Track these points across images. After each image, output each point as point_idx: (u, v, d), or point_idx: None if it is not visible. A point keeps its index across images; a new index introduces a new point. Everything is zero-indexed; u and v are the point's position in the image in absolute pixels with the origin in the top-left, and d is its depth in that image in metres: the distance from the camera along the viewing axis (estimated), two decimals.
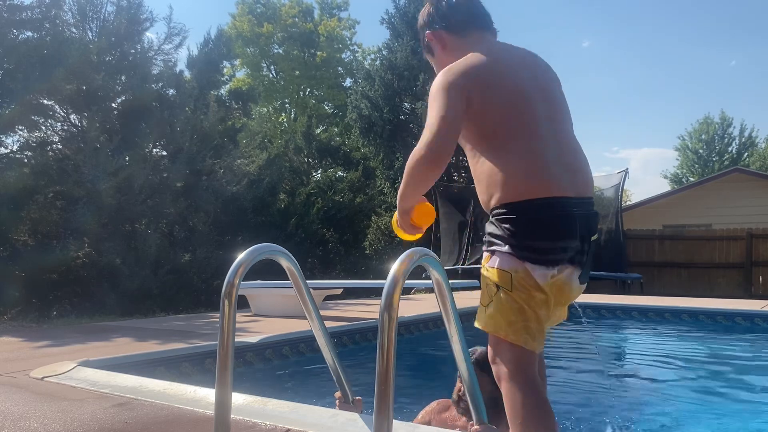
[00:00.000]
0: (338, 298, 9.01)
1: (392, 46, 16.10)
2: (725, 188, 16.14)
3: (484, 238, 1.83)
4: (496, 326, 1.71)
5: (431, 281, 1.93)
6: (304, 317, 2.35)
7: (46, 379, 3.11)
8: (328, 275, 13.87)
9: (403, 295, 1.65)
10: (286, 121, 29.45)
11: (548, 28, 49.79)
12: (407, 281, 1.64)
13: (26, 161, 9.12)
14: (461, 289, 9.50)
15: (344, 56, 30.30)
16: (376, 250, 15.41)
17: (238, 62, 26.88)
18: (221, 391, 1.87)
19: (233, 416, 2.07)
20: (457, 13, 1.94)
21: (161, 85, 10.69)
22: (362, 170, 17.44)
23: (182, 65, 16.52)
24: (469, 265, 12.38)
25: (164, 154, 10.60)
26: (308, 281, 2.31)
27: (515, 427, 1.64)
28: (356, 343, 5.16)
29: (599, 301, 7.93)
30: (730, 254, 13.54)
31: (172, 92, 10.81)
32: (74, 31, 9.94)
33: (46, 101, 9.30)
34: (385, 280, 1.59)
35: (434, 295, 2.04)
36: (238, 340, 4.19)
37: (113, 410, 2.48)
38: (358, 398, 2.35)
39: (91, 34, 10.09)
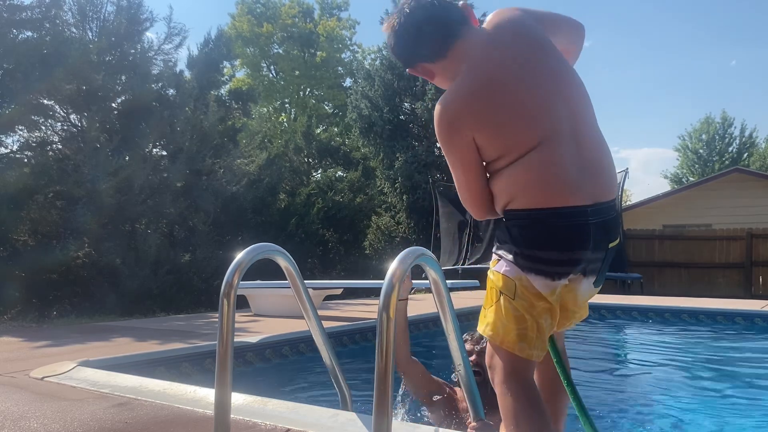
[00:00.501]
0: (338, 298, 9.01)
1: None
2: (725, 188, 16.13)
3: (495, 239, 1.80)
4: (494, 332, 1.70)
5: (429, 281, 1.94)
6: (303, 317, 2.36)
7: (46, 379, 3.11)
8: (328, 275, 13.87)
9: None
10: (286, 121, 29.44)
11: None
12: None
13: (26, 161, 9.12)
14: (461, 289, 9.50)
15: (344, 56, 30.30)
16: (376, 250, 15.41)
17: (238, 62, 26.85)
18: (221, 391, 1.88)
19: (233, 416, 2.07)
20: (423, 42, 1.73)
21: (161, 85, 10.69)
22: (362, 170, 17.44)
23: (182, 65, 16.56)
24: (469, 265, 12.37)
25: (164, 154, 10.60)
26: (308, 281, 2.31)
27: (508, 430, 1.64)
28: (356, 342, 5.16)
29: (599, 301, 7.93)
30: (730, 254, 13.54)
31: (172, 92, 10.81)
32: (74, 30, 9.94)
33: (46, 101, 9.30)
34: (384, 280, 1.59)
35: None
36: (238, 340, 4.19)
37: (113, 410, 2.48)
38: None
39: (91, 34, 10.10)
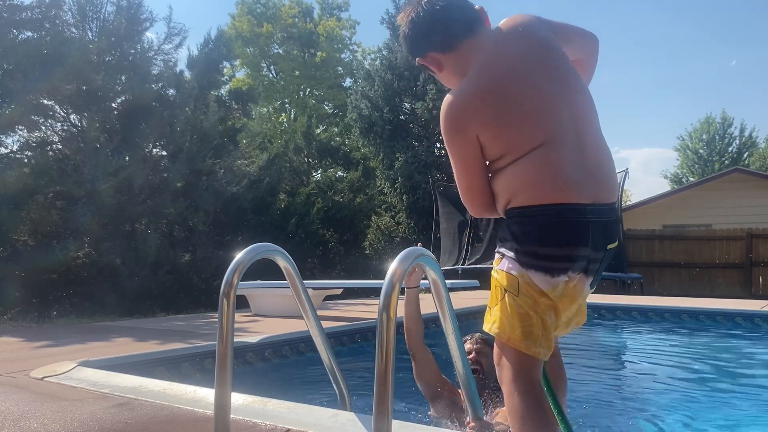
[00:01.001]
0: (338, 298, 9.01)
1: (392, 46, 16.10)
2: (725, 188, 16.14)
3: (497, 239, 1.81)
4: (500, 330, 1.69)
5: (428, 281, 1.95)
6: (303, 317, 2.36)
7: (46, 379, 3.11)
8: (328, 275, 13.87)
9: (402, 294, 1.65)
10: (286, 121, 29.45)
11: None
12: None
13: (26, 161, 9.12)
14: (461, 289, 9.50)
15: (344, 56, 30.30)
16: (376, 250, 15.41)
17: (238, 62, 26.85)
18: (221, 391, 1.88)
19: (233, 416, 2.07)
20: (439, 30, 1.75)
21: (161, 85, 10.69)
22: (362, 170, 17.43)
23: (182, 65, 16.52)
24: (468, 265, 12.37)
25: (164, 154, 10.60)
26: (308, 281, 2.32)
27: (514, 430, 1.64)
28: (356, 342, 5.16)
29: (599, 301, 7.93)
30: (730, 254, 13.54)
31: (172, 92, 10.81)
32: (74, 31, 9.94)
33: (46, 101, 9.30)
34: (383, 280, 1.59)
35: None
36: (238, 340, 4.19)
37: (113, 410, 2.48)
38: None
39: (91, 34, 10.10)
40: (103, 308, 7.93)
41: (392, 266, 1.58)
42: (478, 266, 11.92)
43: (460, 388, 2.40)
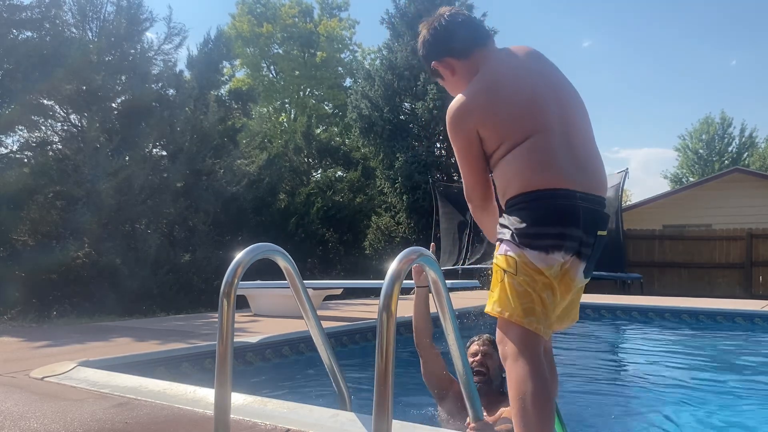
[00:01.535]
0: (338, 298, 9.01)
1: (392, 46, 16.10)
2: (725, 188, 16.14)
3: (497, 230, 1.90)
4: (501, 307, 1.76)
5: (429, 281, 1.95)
6: (303, 317, 2.36)
7: (46, 379, 3.11)
8: (328, 275, 13.87)
9: (402, 294, 1.65)
10: (286, 121, 29.43)
11: (548, 28, 49.79)
12: (406, 281, 1.64)
13: (26, 161, 9.12)
14: (461, 289, 9.50)
15: (344, 56, 30.28)
16: (375, 250, 15.41)
17: (237, 62, 26.84)
18: (220, 391, 1.88)
19: (233, 416, 2.07)
20: (458, 38, 1.98)
21: (161, 85, 10.69)
22: (362, 170, 17.43)
23: (182, 65, 16.55)
24: (469, 265, 12.37)
25: (164, 154, 10.60)
26: (308, 281, 2.32)
27: (516, 402, 1.66)
28: (356, 343, 5.16)
29: (599, 301, 7.94)
30: (730, 254, 13.54)
31: (172, 92, 10.81)
32: (74, 31, 9.94)
33: (46, 101, 9.30)
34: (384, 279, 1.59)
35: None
36: (237, 340, 4.19)
37: (113, 410, 2.48)
38: None
39: (91, 34, 10.09)
40: (103, 308, 7.93)
41: (392, 266, 1.58)
42: (478, 266, 11.92)
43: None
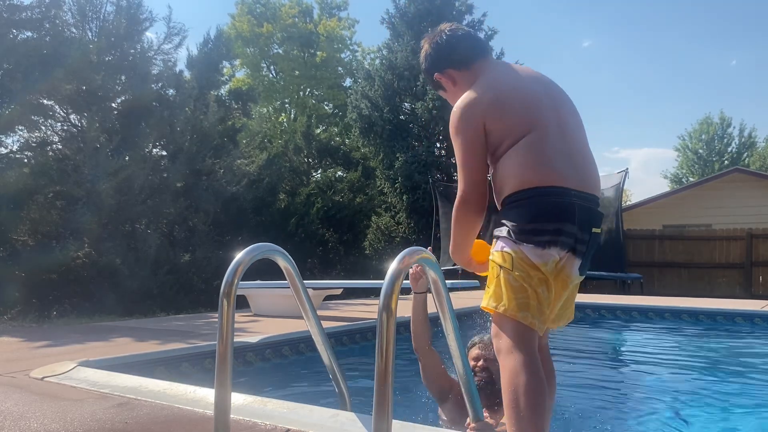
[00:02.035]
0: (338, 298, 9.01)
1: (392, 46, 16.10)
2: (725, 188, 16.14)
3: (493, 227, 1.92)
4: (496, 302, 1.78)
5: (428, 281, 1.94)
6: (303, 317, 2.36)
7: (46, 379, 3.11)
8: (328, 275, 13.87)
9: (402, 294, 1.65)
10: (286, 121, 29.41)
11: (548, 28, 49.83)
12: (406, 281, 1.64)
13: (26, 161, 9.12)
14: (461, 289, 9.50)
15: (344, 56, 30.26)
16: (375, 250, 15.40)
17: (237, 62, 26.82)
18: (220, 391, 1.88)
19: (233, 416, 2.07)
20: (459, 51, 2.06)
21: (161, 85, 10.68)
22: (362, 170, 17.42)
23: (182, 65, 16.54)
24: None
25: (164, 154, 10.60)
26: (308, 281, 2.32)
27: (508, 394, 1.67)
28: (356, 342, 5.16)
29: (599, 301, 7.94)
30: (730, 254, 13.54)
31: (172, 92, 10.80)
32: (74, 31, 9.93)
33: (45, 101, 9.30)
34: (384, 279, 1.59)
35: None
36: (238, 340, 4.19)
37: (113, 410, 2.48)
38: None
39: (90, 34, 10.09)
40: (103, 308, 7.93)
41: (392, 266, 1.58)
42: None
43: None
